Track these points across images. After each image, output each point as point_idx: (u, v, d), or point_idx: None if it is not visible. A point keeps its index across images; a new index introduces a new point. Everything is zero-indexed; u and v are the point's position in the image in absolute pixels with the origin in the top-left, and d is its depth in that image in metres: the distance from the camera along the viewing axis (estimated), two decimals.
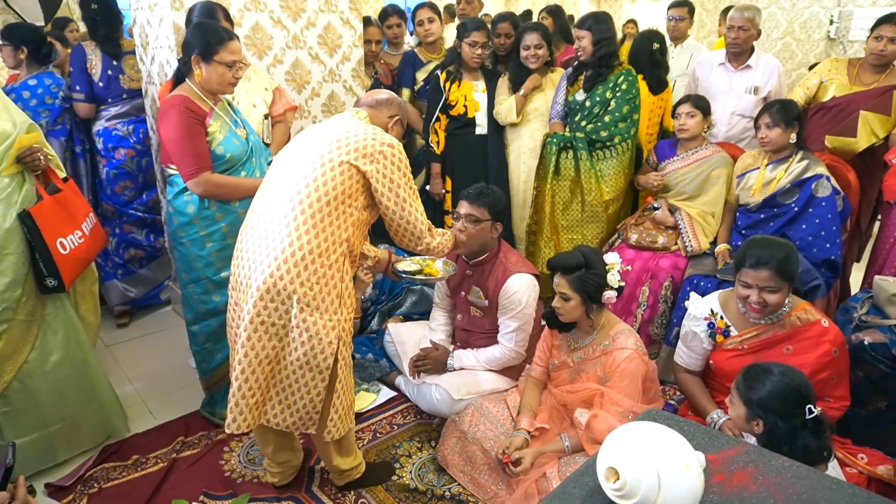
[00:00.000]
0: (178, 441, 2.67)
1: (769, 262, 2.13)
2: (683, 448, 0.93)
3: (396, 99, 2.28)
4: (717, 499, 0.96)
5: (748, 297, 2.19)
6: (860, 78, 3.35)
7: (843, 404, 2.23)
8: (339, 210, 1.98)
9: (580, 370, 2.42)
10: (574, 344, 2.46)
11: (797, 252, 2.22)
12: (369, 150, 1.99)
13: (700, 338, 2.39)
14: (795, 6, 6.15)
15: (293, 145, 2.17)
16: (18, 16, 5.70)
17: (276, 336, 2.00)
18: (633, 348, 2.30)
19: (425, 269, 2.47)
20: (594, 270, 2.31)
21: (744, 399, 1.83)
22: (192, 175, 2.39)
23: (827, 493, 0.97)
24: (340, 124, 2.10)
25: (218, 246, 2.51)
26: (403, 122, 2.29)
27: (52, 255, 2.32)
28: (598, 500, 0.97)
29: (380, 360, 3.08)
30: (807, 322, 2.22)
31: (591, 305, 2.34)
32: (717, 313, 2.36)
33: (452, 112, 3.56)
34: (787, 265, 2.14)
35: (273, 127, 3.00)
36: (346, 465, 2.33)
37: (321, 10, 3.32)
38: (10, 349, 2.31)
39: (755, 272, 2.16)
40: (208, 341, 2.64)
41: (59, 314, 2.47)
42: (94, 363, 2.62)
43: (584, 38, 3.29)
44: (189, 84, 2.41)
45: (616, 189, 3.42)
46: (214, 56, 2.34)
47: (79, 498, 2.37)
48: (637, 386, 2.29)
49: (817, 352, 2.16)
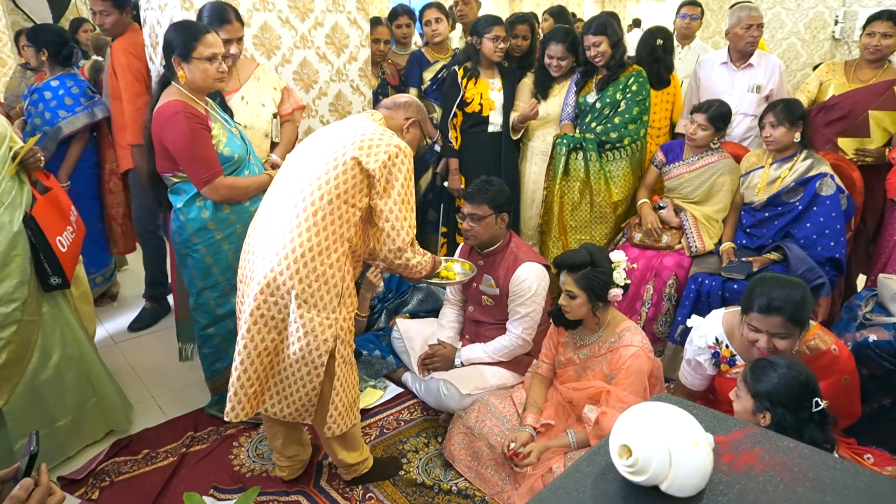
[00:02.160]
0: (188, 436, 2.70)
1: (782, 308, 1.96)
2: (693, 427, 0.96)
3: (416, 102, 2.28)
4: (726, 477, 0.99)
5: (756, 341, 2.03)
6: (857, 75, 3.37)
7: (854, 418, 2.23)
8: (342, 209, 1.99)
9: (586, 367, 2.44)
10: (580, 341, 2.48)
11: (810, 294, 2.05)
12: (374, 149, 2.00)
13: (704, 366, 2.30)
14: (800, 6, 6.16)
15: (306, 144, 2.19)
16: (27, 16, 5.75)
17: (275, 329, 2.04)
18: (638, 345, 2.32)
19: (442, 272, 2.46)
20: (600, 268, 2.33)
21: (751, 391, 1.84)
22: (208, 181, 2.37)
23: (832, 472, 1.00)
24: (353, 125, 2.12)
25: (234, 248, 2.49)
26: (422, 125, 2.28)
27: (55, 255, 2.36)
28: (611, 477, 0.99)
29: (386, 357, 3.10)
30: (816, 351, 2.10)
31: (597, 303, 2.36)
32: (721, 342, 2.24)
33: (467, 109, 3.56)
34: (800, 312, 1.97)
35: (282, 126, 3.03)
36: (351, 459, 2.36)
37: (329, 11, 3.35)
38: (20, 351, 2.34)
39: (765, 318, 1.99)
40: (224, 341, 2.64)
41: (55, 312, 2.49)
42: (92, 357, 2.65)
43: (602, 43, 3.28)
44: (177, 87, 2.35)
45: (625, 190, 3.43)
46: (193, 53, 2.30)
47: (91, 491, 2.40)
48: (643, 383, 2.31)
49: (828, 381, 2.06)
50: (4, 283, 2.25)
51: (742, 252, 3.09)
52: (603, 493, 0.99)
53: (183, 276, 2.62)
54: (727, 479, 0.99)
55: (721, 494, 0.97)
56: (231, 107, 2.80)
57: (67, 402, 2.53)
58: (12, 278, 2.27)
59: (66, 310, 2.55)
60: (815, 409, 1.76)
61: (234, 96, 2.87)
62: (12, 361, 2.31)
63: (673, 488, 0.96)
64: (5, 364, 2.29)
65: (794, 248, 2.90)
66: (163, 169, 2.44)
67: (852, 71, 3.41)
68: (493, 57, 3.51)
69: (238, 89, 2.88)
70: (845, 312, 2.78)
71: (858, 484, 0.98)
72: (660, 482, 0.96)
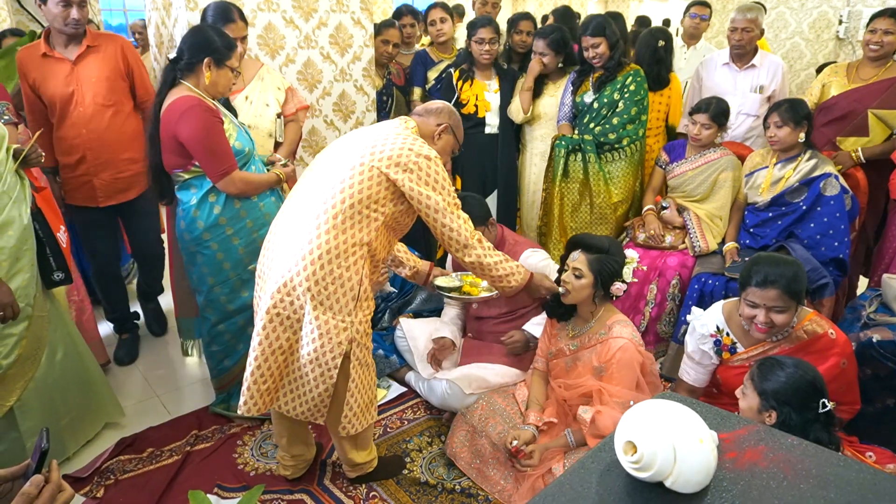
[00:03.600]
0: (192, 435, 2.70)
1: (777, 280, 2.06)
2: (697, 424, 0.97)
3: (448, 108, 2.28)
4: (730, 474, 0.99)
5: (755, 316, 2.12)
6: (859, 74, 3.37)
7: (853, 408, 2.23)
8: (363, 214, 1.99)
9: (576, 359, 2.45)
10: (572, 331, 2.49)
11: (804, 270, 2.15)
12: (403, 159, 1.99)
13: (707, 354, 2.34)
14: (804, 6, 6.15)
15: (335, 146, 2.19)
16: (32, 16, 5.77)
17: (290, 329, 2.05)
18: (627, 338, 2.32)
19: (464, 286, 2.46)
20: (614, 258, 2.35)
21: (758, 390, 1.84)
22: (225, 174, 2.38)
23: (835, 469, 1.00)
24: (382, 131, 2.11)
25: (244, 242, 2.50)
26: (455, 130, 2.28)
27: (61, 249, 2.39)
28: (615, 473, 1.00)
29: (390, 357, 3.11)
30: (814, 335, 2.16)
31: (600, 290, 2.37)
32: (722, 330, 2.29)
33: (463, 111, 3.58)
34: (795, 284, 2.06)
35: (285, 126, 3.04)
36: (360, 458, 2.36)
37: (333, 11, 3.36)
38: (33, 347, 2.35)
39: (762, 291, 2.08)
40: (234, 338, 2.65)
41: (53, 310, 2.51)
42: (88, 353, 2.69)
43: (601, 44, 3.29)
44: (187, 85, 2.37)
45: (625, 191, 3.44)
46: (227, 61, 2.38)
47: (96, 489, 2.41)
48: (634, 376, 2.32)
49: (825, 364, 2.10)
50: (17, 278, 2.25)
51: (745, 252, 3.09)
52: (608, 489, 1.00)
53: (191, 275, 2.63)
54: (731, 476, 0.99)
55: (725, 491, 0.97)
56: (235, 107, 2.81)
57: (70, 400, 2.54)
58: (24, 272, 2.28)
59: (60, 307, 2.57)
60: (821, 410, 1.77)
61: (238, 96, 2.87)
62: (25, 357, 2.32)
63: (677, 484, 0.96)
64: (18, 360, 2.28)
65: (797, 247, 2.91)
66: (173, 165, 2.44)
67: (854, 71, 3.41)
68: (480, 59, 3.56)
69: (242, 89, 2.89)
70: (849, 312, 2.78)
71: (861, 480, 0.99)
72: (664, 478, 0.97)
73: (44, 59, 2.88)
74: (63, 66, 2.88)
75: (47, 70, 2.88)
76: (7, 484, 1.16)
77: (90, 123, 2.92)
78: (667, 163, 3.38)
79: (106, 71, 2.94)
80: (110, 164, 3.00)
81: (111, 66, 2.96)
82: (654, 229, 3.27)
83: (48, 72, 2.87)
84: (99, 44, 2.95)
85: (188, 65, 2.36)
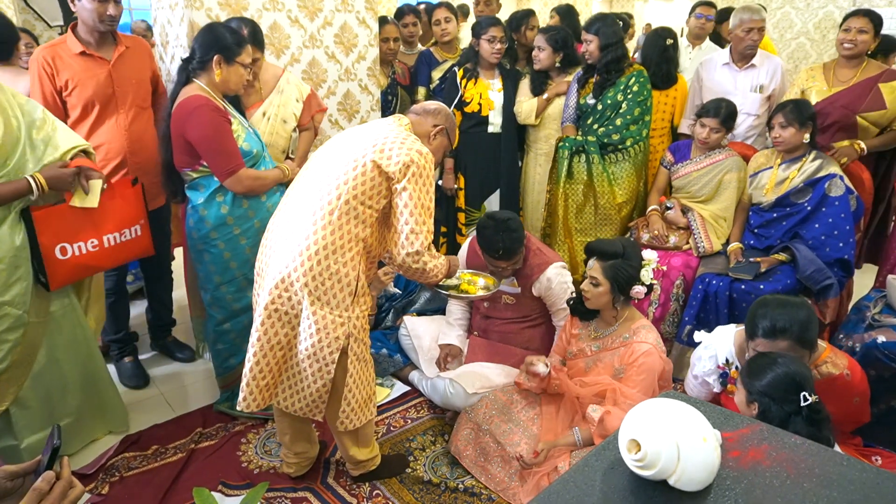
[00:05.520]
0: (197, 432, 2.71)
1: (787, 329, 1.89)
2: (701, 423, 0.97)
3: (445, 110, 2.29)
4: (733, 473, 1.00)
5: None
6: (837, 77, 3.33)
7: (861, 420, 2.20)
8: (359, 210, 2.00)
9: (597, 360, 2.45)
10: (594, 333, 2.49)
11: (815, 313, 1.98)
12: (395, 152, 2.01)
13: (710, 384, 2.25)
14: (810, 6, 6.13)
15: (330, 144, 2.21)
16: (38, 15, 5.80)
17: (288, 324, 2.07)
18: (652, 343, 2.32)
19: (463, 285, 2.47)
20: (630, 262, 2.35)
21: (743, 382, 1.84)
22: (232, 172, 2.40)
23: (838, 468, 1.00)
24: (378, 128, 2.13)
25: (252, 242, 2.50)
26: (449, 132, 2.28)
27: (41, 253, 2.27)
28: (619, 471, 1.00)
29: (394, 356, 3.12)
30: (828, 376, 2.02)
31: (619, 296, 2.38)
32: (731, 363, 2.17)
33: (466, 109, 3.59)
34: (806, 333, 1.89)
35: (299, 135, 3.04)
36: (362, 455, 2.37)
37: (337, 10, 3.37)
38: (26, 353, 2.34)
39: (772, 343, 1.91)
40: (239, 337, 2.66)
41: (67, 311, 2.48)
42: (98, 358, 2.65)
43: (592, 42, 3.31)
44: (199, 84, 2.40)
45: (629, 192, 3.44)
46: (237, 58, 2.39)
47: (101, 485, 2.42)
48: (653, 382, 2.32)
49: (840, 404, 1.99)
50: (15, 286, 2.24)
51: (750, 252, 3.09)
52: (612, 487, 1.00)
53: (199, 273, 2.64)
54: (734, 475, 1.00)
55: (728, 489, 0.98)
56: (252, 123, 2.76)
57: (71, 401, 2.54)
58: (23, 280, 2.26)
59: (79, 309, 2.55)
60: (802, 403, 1.72)
61: (255, 112, 2.85)
62: (18, 363, 2.32)
63: (681, 483, 0.97)
64: (12, 365, 2.29)
65: (802, 248, 2.90)
66: (182, 164, 2.47)
67: (832, 73, 3.35)
68: (491, 58, 3.56)
69: (261, 103, 2.87)
70: (853, 313, 2.78)
71: (864, 480, 0.99)
72: (668, 477, 0.97)
73: (81, 57, 2.70)
74: (102, 67, 2.74)
75: (85, 70, 2.71)
76: (18, 480, 1.17)
77: (132, 126, 2.82)
78: (671, 163, 3.38)
79: (140, 72, 2.87)
80: (149, 168, 2.83)
81: (143, 67, 2.90)
82: (658, 230, 3.28)
83: (86, 72, 2.71)
84: (130, 45, 2.86)
85: (200, 63, 2.39)
